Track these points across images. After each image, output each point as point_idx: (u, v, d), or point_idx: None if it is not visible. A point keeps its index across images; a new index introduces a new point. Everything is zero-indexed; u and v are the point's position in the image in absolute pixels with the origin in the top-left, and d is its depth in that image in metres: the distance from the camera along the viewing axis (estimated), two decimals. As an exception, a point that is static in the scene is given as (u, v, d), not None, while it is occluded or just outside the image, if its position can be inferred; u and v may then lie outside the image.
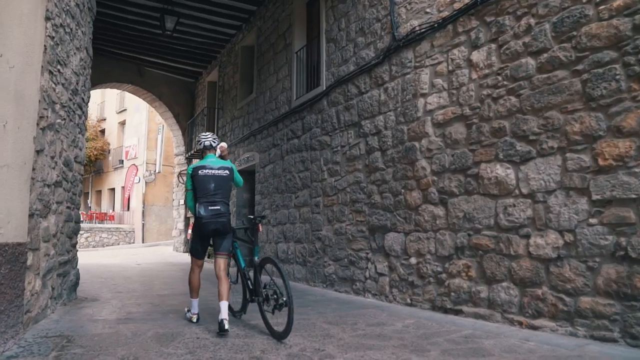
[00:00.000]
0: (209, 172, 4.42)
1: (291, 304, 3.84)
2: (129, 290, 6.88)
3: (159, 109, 16.02)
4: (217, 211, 4.35)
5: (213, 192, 4.38)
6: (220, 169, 4.47)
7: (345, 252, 6.86)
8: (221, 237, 4.49)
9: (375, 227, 6.25)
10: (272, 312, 4.06)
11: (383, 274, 6.06)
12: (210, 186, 4.38)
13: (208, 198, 4.36)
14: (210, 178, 4.40)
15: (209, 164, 4.48)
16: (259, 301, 4.33)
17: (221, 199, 4.42)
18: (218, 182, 4.42)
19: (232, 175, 4.57)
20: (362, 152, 6.62)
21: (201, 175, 4.40)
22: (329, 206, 7.33)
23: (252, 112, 10.70)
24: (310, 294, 6.71)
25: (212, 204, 4.35)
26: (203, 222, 4.34)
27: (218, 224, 4.38)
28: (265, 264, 4.49)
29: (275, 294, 4.07)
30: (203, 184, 4.38)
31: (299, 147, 8.38)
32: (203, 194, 4.37)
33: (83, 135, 6.14)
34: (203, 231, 4.42)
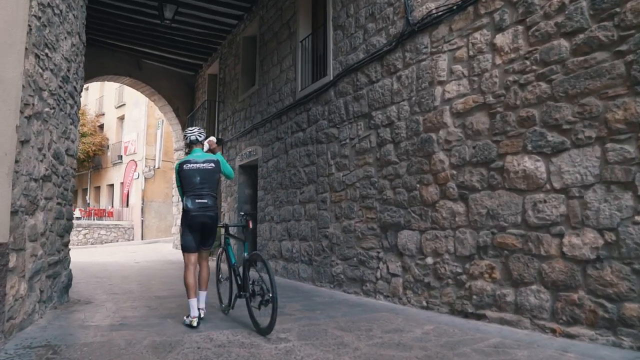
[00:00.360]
0: (193, 166, 4.46)
1: (276, 300, 3.84)
2: (125, 291, 6.51)
3: (158, 103, 15.60)
4: (204, 204, 4.41)
5: (199, 185, 4.42)
6: (205, 162, 4.50)
7: (354, 251, 6.49)
8: (208, 231, 4.57)
9: (388, 225, 5.87)
10: (259, 307, 4.09)
11: (396, 275, 5.69)
12: (196, 180, 4.42)
13: (195, 192, 4.41)
14: (195, 172, 4.44)
15: (194, 158, 4.53)
16: (247, 296, 4.36)
17: (208, 192, 4.45)
18: (203, 176, 4.45)
19: (218, 168, 4.58)
20: (372, 145, 6.23)
21: (186, 169, 4.46)
22: (337, 202, 6.95)
23: (254, 105, 10.31)
24: (318, 295, 6.33)
25: (199, 197, 4.40)
26: (191, 214, 4.39)
27: (206, 217, 4.44)
28: (254, 260, 4.48)
29: (261, 290, 4.09)
30: (189, 178, 4.44)
31: (304, 141, 7.99)
32: (190, 188, 4.44)
33: (75, 126, 5.75)
34: (192, 224, 4.45)
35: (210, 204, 4.44)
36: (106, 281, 7.61)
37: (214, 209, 4.49)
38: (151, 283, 7.54)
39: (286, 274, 8.30)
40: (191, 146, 4.69)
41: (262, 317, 4.02)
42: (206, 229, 4.54)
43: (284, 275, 8.36)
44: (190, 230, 4.49)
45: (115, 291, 6.47)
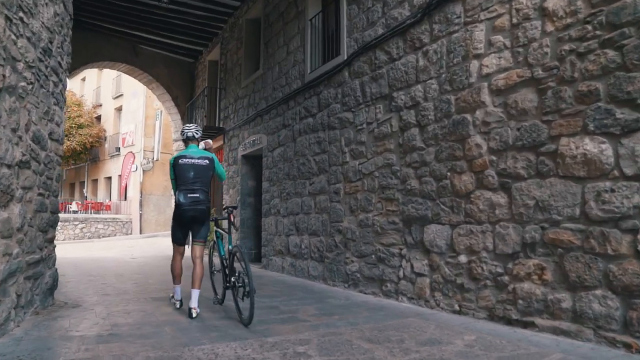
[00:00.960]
0: (188, 161, 4.57)
1: (252, 293, 3.97)
2: (119, 291, 5.89)
3: (156, 91, 14.93)
4: (196, 199, 4.51)
5: (192, 180, 4.53)
6: (200, 158, 4.62)
7: (372, 248, 5.86)
8: (199, 224, 4.64)
9: (412, 218, 5.24)
10: (242, 299, 4.22)
11: (422, 274, 5.06)
12: (190, 175, 4.53)
13: (187, 186, 4.51)
14: (190, 167, 4.55)
15: (189, 153, 4.64)
16: (230, 288, 4.46)
17: (200, 187, 4.56)
18: (197, 171, 4.56)
19: (212, 165, 4.69)
20: (394, 130, 5.59)
21: (181, 164, 4.56)
22: (352, 194, 6.31)
23: (258, 91, 9.64)
24: (332, 297, 5.71)
25: (191, 192, 4.51)
26: (182, 209, 4.51)
27: (197, 211, 4.54)
28: (235, 253, 4.46)
29: (243, 282, 4.17)
30: (183, 173, 4.54)
31: (314, 127, 7.34)
32: (183, 182, 4.53)
33: (61, 108, 5.10)
34: (182, 218, 4.58)
35: (202, 198, 4.56)
36: (99, 280, 6.99)
37: (205, 203, 4.61)
38: (148, 282, 6.92)
39: (294, 272, 7.69)
40: (187, 142, 4.81)
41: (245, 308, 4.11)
42: (197, 222, 4.63)
43: (292, 273, 7.74)
44: (180, 223, 4.65)
45: (107, 292, 5.85)
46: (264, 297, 5.63)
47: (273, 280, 7.25)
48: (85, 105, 28.29)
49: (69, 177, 31.71)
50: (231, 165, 11.09)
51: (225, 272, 4.66)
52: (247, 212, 10.37)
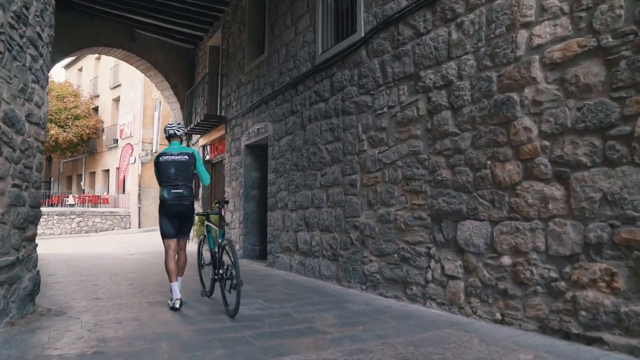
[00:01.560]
0: (169, 158, 4.71)
1: (239, 286, 4.03)
2: (111, 294, 5.26)
3: (154, 79, 14.25)
4: (179, 194, 4.66)
5: (174, 176, 4.67)
6: (179, 154, 4.75)
7: (394, 246, 5.24)
8: (184, 219, 4.81)
9: (443, 213, 4.61)
10: (229, 291, 4.30)
11: (455, 277, 4.44)
12: (171, 171, 4.67)
13: (170, 182, 4.66)
14: (170, 164, 4.69)
15: (170, 150, 4.78)
16: (219, 278, 4.56)
17: (183, 183, 4.70)
18: (178, 167, 4.69)
19: (193, 160, 4.78)
20: (421, 113, 4.95)
21: (162, 161, 4.72)
22: (370, 185, 5.68)
23: (263, 76, 8.98)
24: (349, 301, 5.10)
25: (175, 188, 4.65)
26: (167, 204, 4.65)
27: (182, 206, 4.69)
28: (225, 246, 4.57)
29: (231, 275, 4.26)
30: (164, 170, 4.69)
31: (326, 113, 6.69)
32: (166, 178, 4.68)
33: (43, 87, 4.45)
34: (168, 213, 4.69)
35: (185, 193, 4.70)
36: (91, 280, 6.37)
37: (189, 198, 4.75)
38: (144, 283, 6.30)
39: (303, 271, 7.07)
40: (170, 139, 4.93)
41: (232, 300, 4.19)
42: (182, 217, 4.78)
43: (301, 272, 7.12)
44: (168, 217, 4.71)
45: (99, 295, 5.23)
46: (273, 301, 5.01)
47: (281, 280, 6.64)
48: (82, 96, 27.57)
49: (66, 170, 31.05)
50: (234, 156, 10.44)
51: (215, 265, 4.73)
52: (250, 206, 9.74)
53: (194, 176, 4.88)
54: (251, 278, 6.83)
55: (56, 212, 21.09)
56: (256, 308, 4.62)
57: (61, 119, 24.53)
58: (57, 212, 20.99)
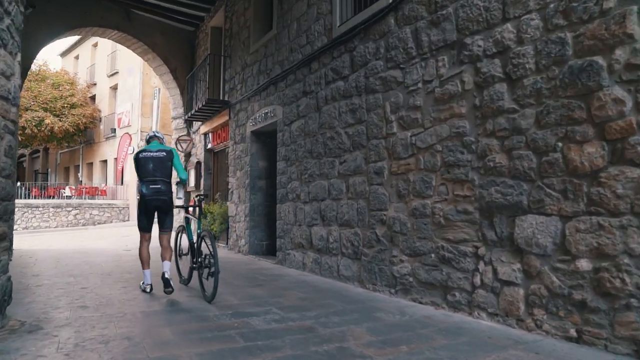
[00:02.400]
0: (147, 154, 4.90)
1: (217, 274, 4.38)
2: (101, 301, 4.51)
3: (152, 63, 13.42)
4: (157, 189, 4.81)
5: (152, 172, 4.82)
6: (157, 151, 4.94)
7: (431, 244, 4.48)
8: (163, 214, 4.96)
9: (495, 206, 3.85)
10: (207, 278, 4.55)
11: (512, 283, 3.69)
12: (149, 167, 4.83)
13: (149, 177, 4.81)
14: (149, 160, 4.86)
15: (149, 148, 4.99)
16: (197, 266, 4.83)
17: (161, 178, 4.85)
18: (155, 163, 4.85)
19: (170, 157, 4.95)
20: (467, 87, 4.16)
21: (141, 157, 4.91)
22: (401, 174, 4.91)
23: (271, 55, 8.18)
24: (380, 309, 4.35)
25: (153, 183, 4.80)
26: (146, 199, 4.81)
27: (159, 201, 4.84)
28: (204, 236, 4.87)
29: (209, 263, 4.56)
30: (143, 166, 4.85)
31: (346, 92, 5.90)
32: (144, 174, 4.84)
33: (12, 54, 3.65)
34: (146, 207, 4.86)
35: (163, 189, 4.85)
36: (80, 282, 5.61)
37: (167, 193, 4.89)
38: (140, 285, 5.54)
39: (319, 270, 6.32)
40: (149, 141, 5.19)
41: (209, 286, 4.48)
42: (161, 212, 4.96)
43: (316, 271, 6.38)
44: (145, 212, 4.91)
45: (86, 302, 4.47)
46: (291, 309, 4.26)
47: (295, 281, 5.89)
48: (78, 84, 26.72)
49: (63, 161, 30.27)
50: (238, 144, 9.66)
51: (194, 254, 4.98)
52: (257, 198, 8.97)
53: (172, 172, 5.00)
54: (260, 279, 6.07)
55: (52, 204, 20.35)
56: (272, 320, 3.86)
57: (57, 108, 23.71)
58: (52, 205, 20.25)
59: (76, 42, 29.26)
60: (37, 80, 24.34)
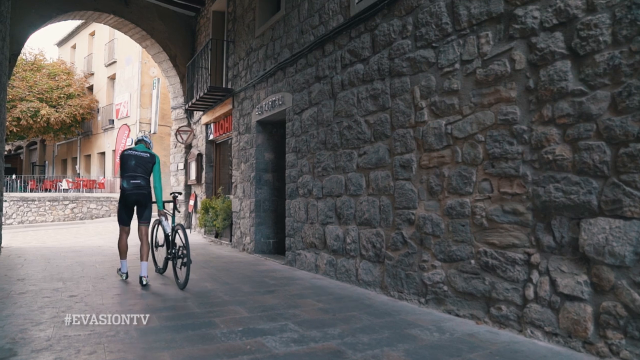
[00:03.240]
0: (132, 152, 5.36)
1: (189, 263, 4.84)
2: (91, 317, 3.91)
3: (150, 50, 12.76)
4: (137, 184, 5.23)
5: (134, 168, 5.26)
6: (142, 152, 5.40)
7: (471, 249, 3.90)
8: (142, 207, 5.37)
9: (555, 207, 3.26)
10: (180, 267, 5.10)
11: (576, 298, 3.11)
12: (132, 163, 5.28)
13: (130, 173, 5.25)
14: (132, 157, 5.32)
15: (134, 148, 5.47)
16: (172, 257, 5.31)
17: (141, 175, 5.29)
18: (138, 161, 5.31)
19: (153, 160, 5.40)
20: (517, 67, 3.55)
21: (126, 154, 5.35)
22: (433, 167, 4.32)
23: (279, 38, 7.54)
24: (413, 323, 3.77)
25: (133, 178, 5.23)
26: (126, 193, 5.23)
27: (138, 195, 5.26)
28: (177, 230, 5.29)
29: (182, 254, 5.02)
30: (126, 162, 5.29)
31: (366, 76, 5.29)
32: (126, 170, 5.27)
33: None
34: (126, 201, 5.28)
35: (143, 184, 5.26)
36: (70, 288, 5.02)
37: (146, 188, 5.30)
38: (136, 292, 4.96)
39: (334, 273, 5.74)
40: (137, 143, 5.57)
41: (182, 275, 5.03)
42: (140, 205, 5.33)
43: (330, 274, 5.80)
44: (125, 206, 5.30)
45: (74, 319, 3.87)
46: (310, 325, 3.67)
47: (309, 286, 5.31)
48: (75, 74, 26.03)
49: (60, 153, 29.65)
50: (242, 135, 9.04)
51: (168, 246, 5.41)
52: (263, 192, 8.37)
53: (151, 173, 5.37)
54: (270, 283, 5.49)
55: (48, 197, 19.74)
56: (290, 340, 3.28)
57: (53, 98, 23.05)
58: (49, 198, 19.64)
59: (73, 31, 28.54)
60: (32, 70, 23.67)
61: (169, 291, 4.96)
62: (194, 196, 12.28)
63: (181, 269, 5.05)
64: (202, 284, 5.36)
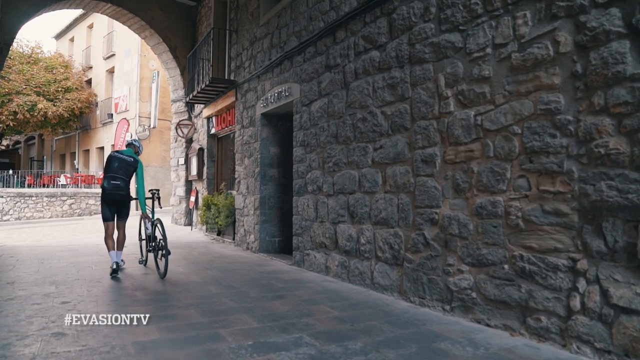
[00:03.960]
0: (117, 155, 5.80)
1: (167, 255, 5.38)
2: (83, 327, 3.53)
3: (149, 41, 12.34)
4: (116, 185, 5.63)
5: (115, 170, 5.65)
6: (127, 156, 5.82)
7: (504, 252, 3.52)
8: (120, 206, 5.82)
9: (606, 207, 2.88)
10: (160, 258, 5.59)
11: (634, 312, 2.73)
12: (115, 165, 5.69)
13: (111, 174, 5.65)
14: (116, 159, 5.74)
15: (122, 151, 5.94)
16: (152, 249, 5.83)
17: (121, 177, 5.67)
18: (121, 164, 5.71)
19: (136, 165, 5.80)
20: (563, 50, 3.16)
21: (111, 156, 5.79)
22: (459, 163, 3.93)
23: (285, 26, 7.14)
24: (440, 335, 3.40)
25: (114, 179, 5.63)
26: (106, 192, 5.67)
27: (117, 195, 5.68)
28: (156, 224, 5.84)
29: (161, 247, 5.55)
30: (110, 163, 5.71)
31: (382, 64, 4.90)
32: (109, 171, 5.67)
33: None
34: (107, 200, 5.69)
35: (122, 185, 5.67)
36: (62, 292, 4.64)
37: (125, 190, 5.72)
38: (135, 297, 4.59)
39: (346, 275, 5.37)
40: (127, 146, 6.15)
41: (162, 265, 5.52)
42: (118, 205, 5.78)
43: (342, 277, 5.43)
44: (106, 204, 5.73)
45: (64, 325, 3.49)
46: (327, 338, 3.29)
47: (321, 290, 4.94)
48: (73, 68, 25.57)
49: (59, 148, 29.23)
50: (246, 128, 8.65)
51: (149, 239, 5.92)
52: (268, 189, 7.99)
53: (132, 176, 5.77)
54: (278, 287, 5.12)
55: (46, 193, 19.35)
56: (307, 356, 2.91)
57: (50, 92, 22.60)
58: (47, 194, 19.25)
59: (71, 24, 28.05)
60: (29, 63, 23.22)
61: (170, 296, 4.58)
62: (195, 192, 11.90)
63: (161, 259, 5.52)
64: (206, 288, 4.98)
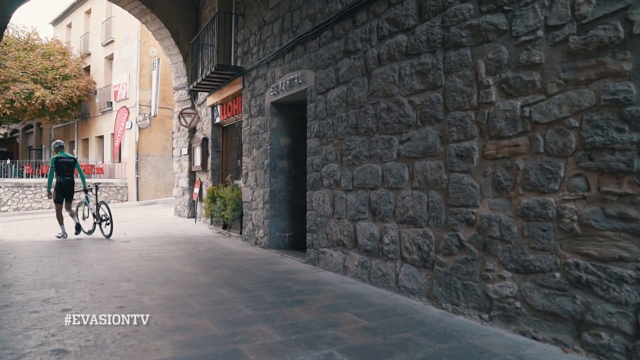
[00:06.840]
0: (64, 159, 8.73)
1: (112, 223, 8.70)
2: (87, 340, 3.18)
3: (150, 26, 11.89)
4: (68, 180, 8.71)
5: (66, 170, 8.68)
6: (68, 159, 8.82)
7: (555, 259, 3.16)
8: (69, 193, 8.80)
9: (691, 213, 2.51)
10: (105, 227, 8.74)
11: None
12: (64, 167, 8.65)
13: (63, 173, 8.64)
14: (64, 163, 8.69)
15: (62, 155, 8.78)
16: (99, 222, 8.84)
17: (69, 173, 8.73)
18: (68, 165, 8.75)
19: (74, 162, 8.88)
20: (636, 31, 2.78)
21: (60, 162, 8.65)
22: (502, 158, 3.56)
23: (298, 8, 6.71)
24: (483, 350, 3.07)
25: (65, 176, 8.67)
26: (61, 185, 8.62)
27: (68, 186, 8.73)
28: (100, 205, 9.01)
29: (106, 218, 8.73)
30: (61, 166, 8.62)
31: (410, 49, 4.50)
32: (61, 172, 8.62)
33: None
34: (60, 189, 8.63)
35: (70, 179, 8.74)
36: (63, 297, 4.28)
37: (72, 181, 8.81)
38: (142, 304, 4.23)
39: (367, 276, 5.03)
40: (57, 150, 8.85)
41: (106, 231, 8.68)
42: (67, 192, 8.75)
43: (363, 278, 5.08)
44: (60, 192, 8.63)
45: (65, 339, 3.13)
46: (359, 353, 2.96)
47: (342, 294, 4.59)
48: (71, 54, 25.03)
49: (57, 137, 28.75)
50: (254, 118, 8.25)
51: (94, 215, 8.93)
52: (278, 182, 7.62)
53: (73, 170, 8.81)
54: (295, 289, 4.77)
55: (45, 183, 18.93)
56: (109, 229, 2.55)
57: (48, 80, 22.10)
58: (45, 184, 18.83)
59: (68, 9, 27.44)
60: (26, 50, 22.69)
61: (180, 302, 4.23)
62: (199, 183, 11.53)
63: (106, 227, 8.71)
64: (218, 291, 4.63)
